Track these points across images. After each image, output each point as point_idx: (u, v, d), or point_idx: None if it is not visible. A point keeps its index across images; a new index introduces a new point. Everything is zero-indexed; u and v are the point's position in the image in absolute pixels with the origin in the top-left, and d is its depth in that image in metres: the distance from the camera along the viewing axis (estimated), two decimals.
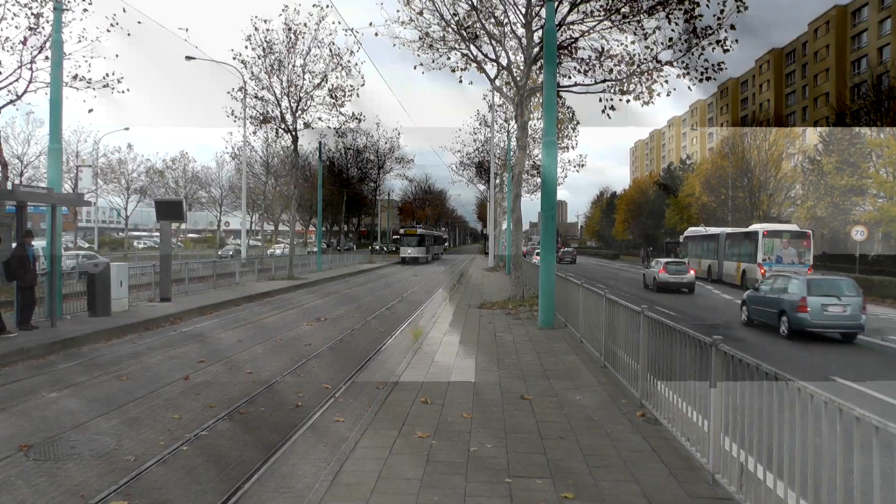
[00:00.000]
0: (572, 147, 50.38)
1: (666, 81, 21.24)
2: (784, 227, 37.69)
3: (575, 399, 9.30)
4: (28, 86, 23.02)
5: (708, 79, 20.76)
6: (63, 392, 10.44)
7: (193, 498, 6.33)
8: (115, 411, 9.27)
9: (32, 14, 21.65)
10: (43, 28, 21.74)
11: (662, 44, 20.79)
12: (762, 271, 33.19)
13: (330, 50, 33.31)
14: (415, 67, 23.33)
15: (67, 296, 17.77)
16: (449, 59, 22.95)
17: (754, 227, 38.29)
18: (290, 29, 32.78)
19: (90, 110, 24.92)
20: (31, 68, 22.68)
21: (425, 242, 67.33)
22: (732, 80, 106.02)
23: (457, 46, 22.75)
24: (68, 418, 8.93)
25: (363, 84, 34.04)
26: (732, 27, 20.12)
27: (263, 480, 6.73)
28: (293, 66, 33.54)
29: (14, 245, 15.31)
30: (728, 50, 20.17)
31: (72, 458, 7.35)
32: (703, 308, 26.57)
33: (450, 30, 22.26)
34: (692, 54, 20.51)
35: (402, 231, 70.20)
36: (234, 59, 34.01)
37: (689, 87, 21.12)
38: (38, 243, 20.33)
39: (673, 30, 20.37)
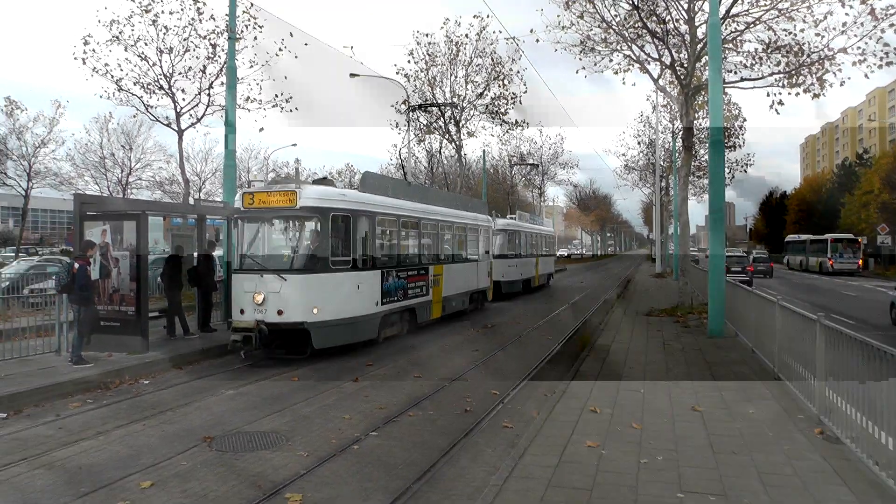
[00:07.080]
0: (739, 146, 47.92)
1: (839, 70, 19.69)
2: (844, 236, 56.75)
3: (747, 412, 8.72)
4: (206, 109, 24.79)
5: (889, 64, 19.04)
6: (239, 389, 11.05)
7: (364, 495, 6.44)
8: (288, 409, 9.66)
9: (210, 45, 23.57)
10: (219, 57, 23.57)
11: (835, 29, 19.31)
12: (830, 262, 53.27)
13: (492, 59, 33.53)
14: (577, 72, 22.93)
15: None
16: (611, 61, 22.41)
17: (826, 236, 57.73)
18: (451, 41, 33.28)
19: (261, 129, 26.36)
20: (208, 93, 24.44)
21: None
22: None
23: (618, 48, 22.18)
24: (245, 414, 9.42)
25: (525, 91, 33.87)
26: None
27: (432, 483, 6.76)
28: (455, 77, 34.01)
29: (196, 254, 16.46)
30: None
31: (248, 451, 7.73)
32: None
33: (611, 31, 21.75)
34: (870, 38, 18.91)
35: (238, 200, 14.05)
36: (396, 73, 34.84)
37: (865, 76, 19.34)
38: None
39: (847, 13, 18.89)
